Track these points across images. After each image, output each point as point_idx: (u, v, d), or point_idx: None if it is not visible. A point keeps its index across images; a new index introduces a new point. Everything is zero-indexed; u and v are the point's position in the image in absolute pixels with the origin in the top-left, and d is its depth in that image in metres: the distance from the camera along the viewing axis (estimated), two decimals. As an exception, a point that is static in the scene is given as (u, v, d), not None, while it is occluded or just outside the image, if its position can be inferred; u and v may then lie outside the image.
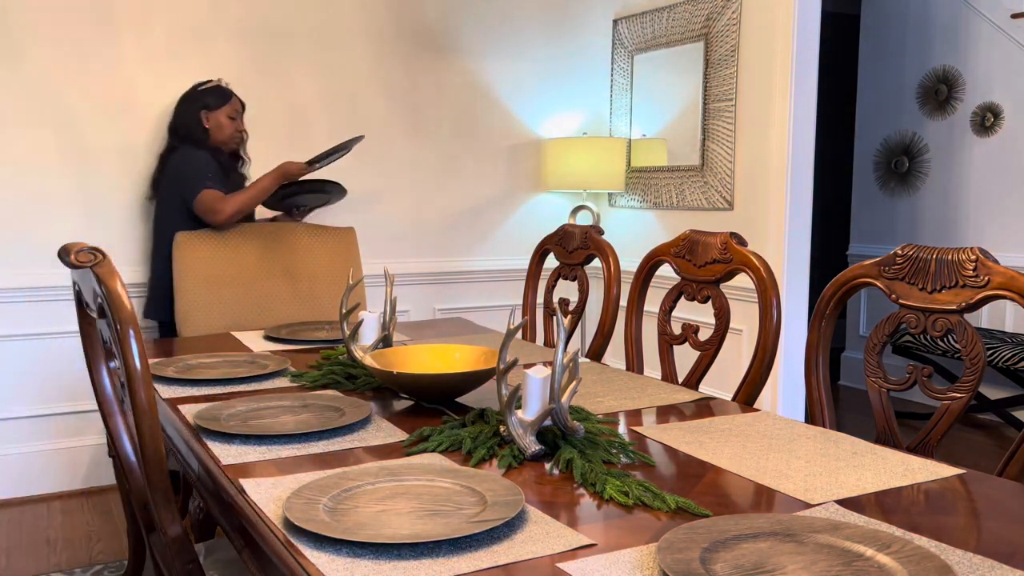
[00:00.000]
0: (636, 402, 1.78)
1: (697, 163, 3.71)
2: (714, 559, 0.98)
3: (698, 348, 2.05)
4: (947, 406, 1.50)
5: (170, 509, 1.32)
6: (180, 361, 2.08)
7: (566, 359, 1.38)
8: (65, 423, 3.28)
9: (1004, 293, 1.44)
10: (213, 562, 1.63)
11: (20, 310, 3.16)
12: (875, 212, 5.01)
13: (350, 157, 3.68)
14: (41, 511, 3.11)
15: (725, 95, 3.54)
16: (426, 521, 1.09)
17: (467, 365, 1.85)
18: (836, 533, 1.04)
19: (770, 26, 3.31)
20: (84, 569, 2.63)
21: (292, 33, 3.53)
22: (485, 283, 4.02)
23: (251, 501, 1.19)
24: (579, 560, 1.01)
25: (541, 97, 4.09)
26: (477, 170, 3.98)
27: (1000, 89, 4.32)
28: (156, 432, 1.27)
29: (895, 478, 1.31)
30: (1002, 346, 3.81)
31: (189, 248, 3.08)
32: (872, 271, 1.63)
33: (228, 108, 3.13)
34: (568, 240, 2.61)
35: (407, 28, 3.76)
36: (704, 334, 2.04)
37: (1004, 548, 1.05)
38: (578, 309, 2.52)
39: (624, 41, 4.12)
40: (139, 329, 1.24)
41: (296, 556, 1.02)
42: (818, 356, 1.75)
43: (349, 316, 1.98)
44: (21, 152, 3.12)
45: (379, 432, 1.54)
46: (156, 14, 3.28)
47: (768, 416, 1.67)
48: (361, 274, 3.42)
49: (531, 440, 1.38)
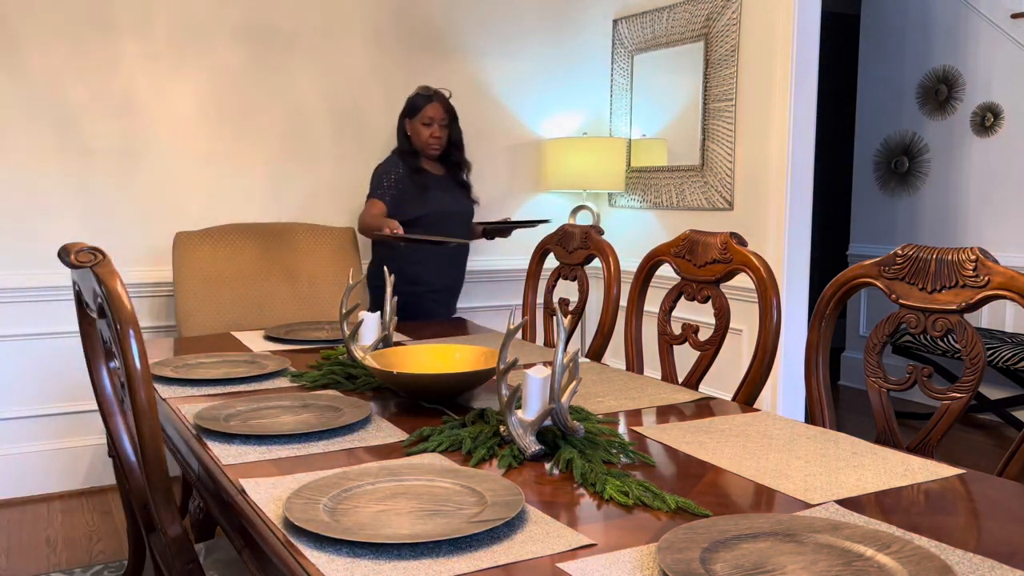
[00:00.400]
0: (636, 402, 1.78)
1: (697, 163, 3.71)
2: (714, 559, 0.98)
3: (698, 348, 2.05)
4: (947, 406, 1.50)
5: (170, 509, 1.32)
6: (180, 361, 2.08)
7: (566, 359, 1.38)
8: (65, 423, 3.28)
9: (1004, 293, 1.44)
10: (213, 562, 1.63)
11: (20, 310, 3.16)
12: (875, 212, 5.01)
13: (350, 157, 3.68)
14: (41, 511, 3.11)
15: (725, 95, 3.54)
16: (426, 521, 1.09)
17: (467, 365, 1.85)
18: (836, 533, 1.04)
19: (770, 26, 3.31)
20: (84, 569, 2.63)
21: (292, 33, 3.53)
22: (485, 283, 4.02)
23: (251, 501, 1.19)
24: (579, 560, 1.01)
25: (541, 97, 4.09)
26: (477, 170, 3.98)
27: (1000, 89, 4.32)
28: (156, 432, 1.27)
29: (895, 478, 1.31)
30: (1002, 346, 3.81)
31: (189, 248, 3.08)
32: (872, 271, 1.63)
33: (421, 116, 3.20)
34: (568, 240, 2.61)
35: (407, 28, 3.76)
36: (704, 334, 2.04)
37: (1004, 548, 1.05)
38: (578, 309, 2.52)
39: (624, 41, 4.12)
40: (139, 329, 1.24)
41: (296, 556, 1.02)
42: (818, 356, 1.75)
43: (349, 316, 1.98)
44: (21, 152, 3.12)
45: (379, 432, 1.54)
46: (156, 14, 3.28)
47: (768, 416, 1.67)
48: (361, 274, 3.42)
49: (531, 440, 1.38)
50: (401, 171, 3.16)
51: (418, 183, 3.18)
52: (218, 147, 3.43)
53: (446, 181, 3.30)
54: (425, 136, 3.20)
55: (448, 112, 3.25)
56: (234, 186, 3.47)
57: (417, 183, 3.18)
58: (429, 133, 3.20)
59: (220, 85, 3.41)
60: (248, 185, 3.50)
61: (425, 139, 3.20)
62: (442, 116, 3.22)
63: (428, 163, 3.28)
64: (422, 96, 3.24)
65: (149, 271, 3.33)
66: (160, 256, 3.32)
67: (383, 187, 3.14)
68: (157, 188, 3.33)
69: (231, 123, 3.45)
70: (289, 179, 3.58)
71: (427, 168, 3.26)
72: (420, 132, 3.21)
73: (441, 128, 3.22)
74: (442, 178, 3.29)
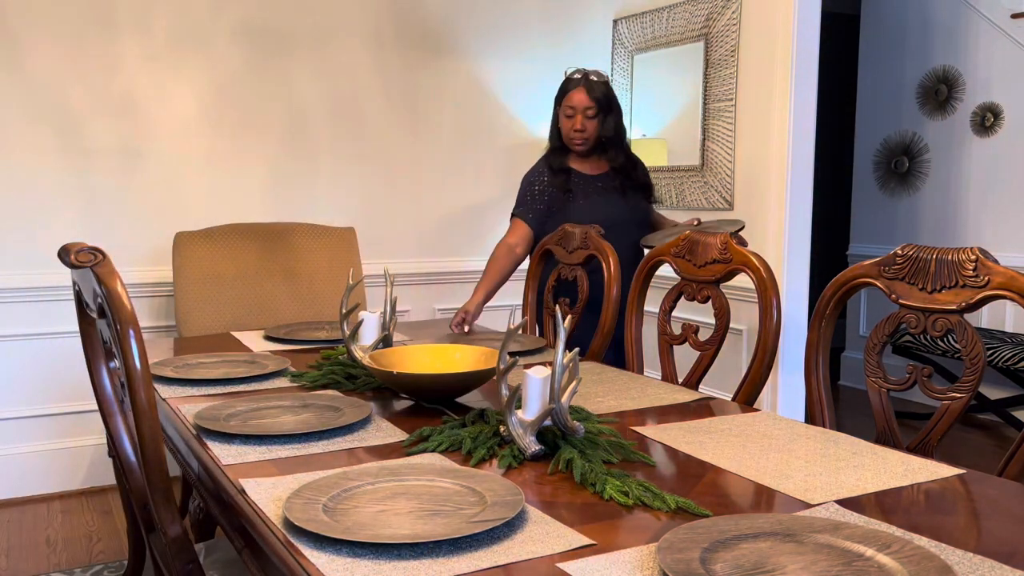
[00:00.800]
0: (636, 402, 1.78)
1: (697, 163, 3.71)
2: (714, 559, 0.98)
3: (698, 348, 2.05)
4: (947, 406, 1.50)
5: (170, 509, 1.32)
6: (180, 361, 2.08)
7: (566, 359, 1.38)
8: (65, 423, 3.28)
9: (1004, 293, 1.44)
10: (213, 562, 1.63)
11: (20, 310, 3.16)
12: (875, 212, 5.01)
13: (350, 157, 3.68)
14: (41, 511, 3.11)
15: (725, 95, 3.54)
16: (426, 521, 1.09)
17: (467, 365, 1.85)
18: (836, 533, 1.04)
19: (770, 26, 3.31)
20: (84, 569, 2.63)
21: (292, 33, 3.53)
22: (485, 283, 4.02)
23: (251, 501, 1.19)
24: (579, 560, 1.01)
25: (541, 97, 4.09)
26: (477, 170, 3.98)
27: (1000, 89, 4.32)
28: (156, 432, 1.27)
29: (895, 478, 1.31)
30: (1002, 346, 3.81)
31: (189, 248, 3.08)
32: (872, 271, 1.63)
33: (564, 105, 2.74)
34: (568, 240, 2.61)
35: (407, 28, 3.76)
36: (704, 334, 2.04)
37: (1004, 548, 1.05)
38: (578, 309, 2.52)
39: (624, 41, 4.12)
40: (139, 329, 1.24)
41: (296, 556, 1.02)
42: (818, 356, 1.75)
43: (349, 316, 1.98)
44: (21, 152, 3.12)
45: (379, 432, 1.54)
46: (156, 14, 3.28)
47: (768, 416, 1.67)
48: (361, 274, 3.42)
49: (531, 440, 1.38)
50: (546, 178, 2.73)
51: (563, 187, 2.72)
52: (218, 147, 3.43)
53: (604, 182, 2.77)
54: (566, 130, 2.73)
55: (596, 100, 2.70)
56: (234, 186, 3.47)
57: (562, 188, 2.72)
58: (571, 125, 2.71)
59: (220, 85, 3.41)
60: (248, 185, 3.50)
61: (567, 133, 2.73)
62: (587, 104, 2.69)
63: (580, 161, 2.79)
64: (566, 80, 2.77)
65: (149, 271, 3.33)
66: (160, 256, 3.32)
67: (526, 202, 2.72)
68: (157, 188, 3.33)
69: (231, 123, 3.45)
70: (289, 179, 3.58)
71: (576, 167, 2.78)
72: (564, 125, 2.74)
73: (585, 119, 2.70)
74: (599, 179, 2.78)
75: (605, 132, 2.73)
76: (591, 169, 2.78)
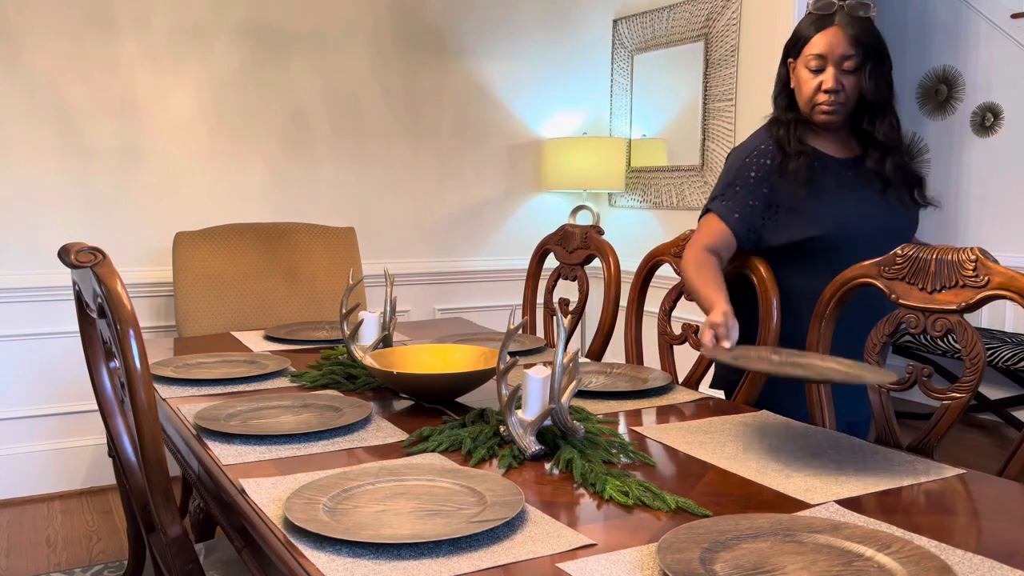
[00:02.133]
0: (636, 402, 1.78)
1: (697, 163, 3.71)
2: (714, 559, 0.98)
3: (698, 348, 2.04)
4: (947, 406, 1.50)
5: (170, 509, 1.32)
6: (180, 361, 2.08)
7: (566, 359, 1.38)
8: (65, 423, 3.28)
9: (1004, 293, 1.44)
10: (213, 562, 1.63)
11: (20, 310, 3.16)
12: (875, 212, 5.01)
13: (350, 157, 3.68)
14: (41, 511, 3.11)
15: (725, 95, 3.54)
16: (426, 521, 1.09)
17: (467, 365, 1.85)
18: (836, 533, 1.04)
19: (770, 26, 3.31)
20: (84, 569, 2.63)
21: (292, 33, 3.53)
22: (485, 283, 4.02)
23: (251, 501, 1.19)
24: (579, 560, 1.01)
25: (541, 97, 4.09)
26: (477, 170, 3.98)
27: (1000, 89, 4.32)
28: (156, 432, 1.27)
29: (895, 478, 1.31)
30: (1002, 346, 3.81)
31: (189, 248, 3.08)
32: (872, 271, 1.63)
33: (807, 55, 1.80)
34: (568, 240, 2.61)
35: (407, 28, 3.76)
36: (704, 334, 2.04)
37: (1004, 548, 1.05)
38: (578, 309, 2.52)
39: (624, 41, 4.12)
40: (139, 329, 1.24)
41: (296, 556, 1.02)
42: (818, 356, 1.74)
43: (349, 316, 1.98)
44: (21, 152, 3.12)
45: (379, 432, 1.54)
46: (156, 14, 3.28)
47: (768, 416, 1.67)
48: (361, 274, 3.42)
49: (531, 440, 1.38)
50: (769, 160, 1.82)
51: (802, 178, 1.79)
52: (218, 147, 3.43)
53: (856, 171, 1.86)
54: (808, 91, 1.81)
55: (859, 44, 1.77)
56: (234, 186, 3.47)
57: (801, 179, 1.79)
58: (817, 84, 1.80)
59: (220, 85, 3.41)
60: (248, 185, 3.50)
61: (809, 95, 1.81)
62: (845, 51, 1.76)
63: (821, 138, 1.87)
64: (811, 16, 1.81)
65: (149, 271, 3.33)
66: (160, 256, 3.32)
67: (734, 194, 1.83)
68: (157, 188, 3.33)
69: (231, 123, 3.45)
70: (289, 179, 3.58)
71: (821, 148, 1.86)
72: (803, 83, 1.83)
73: (841, 75, 1.78)
74: (848, 165, 1.86)
75: (877, 93, 1.81)
76: (838, 151, 1.87)
